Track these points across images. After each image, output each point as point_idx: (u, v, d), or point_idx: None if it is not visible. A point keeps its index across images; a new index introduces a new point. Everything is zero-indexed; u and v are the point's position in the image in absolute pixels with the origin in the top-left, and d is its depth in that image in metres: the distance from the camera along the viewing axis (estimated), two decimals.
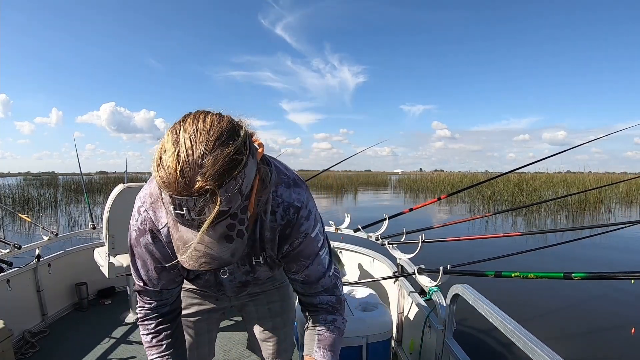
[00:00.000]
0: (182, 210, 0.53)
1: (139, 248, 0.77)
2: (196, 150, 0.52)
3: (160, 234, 0.75)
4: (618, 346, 2.90)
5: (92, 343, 2.22)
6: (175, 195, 0.52)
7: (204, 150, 0.52)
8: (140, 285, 0.82)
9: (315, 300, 0.87)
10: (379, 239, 2.50)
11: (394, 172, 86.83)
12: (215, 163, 0.52)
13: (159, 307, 0.85)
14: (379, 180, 30.66)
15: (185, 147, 0.52)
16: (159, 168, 0.54)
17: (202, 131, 0.54)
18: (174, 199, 0.53)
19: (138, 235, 0.76)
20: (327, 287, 0.86)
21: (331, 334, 0.86)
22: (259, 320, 1.10)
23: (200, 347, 1.07)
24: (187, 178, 0.51)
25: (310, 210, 0.78)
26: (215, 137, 0.54)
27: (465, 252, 5.18)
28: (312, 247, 0.80)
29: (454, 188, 17.07)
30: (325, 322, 0.87)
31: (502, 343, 2.62)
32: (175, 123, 0.57)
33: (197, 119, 0.56)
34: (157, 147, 0.56)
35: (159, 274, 0.80)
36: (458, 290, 1.32)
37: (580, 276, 1.17)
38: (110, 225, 2.24)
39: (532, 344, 0.93)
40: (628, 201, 14.18)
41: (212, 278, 0.90)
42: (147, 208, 0.74)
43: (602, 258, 5.68)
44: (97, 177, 22.98)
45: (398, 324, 2.05)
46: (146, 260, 0.78)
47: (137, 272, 0.81)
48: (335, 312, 0.88)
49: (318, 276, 0.84)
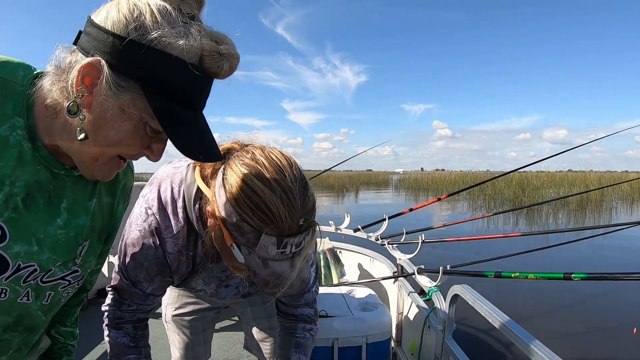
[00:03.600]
0: (285, 249, 0.56)
1: (138, 249, 0.73)
2: (296, 191, 0.56)
3: (165, 244, 0.72)
4: (618, 347, 2.89)
5: (92, 343, 2.22)
6: (285, 237, 0.55)
7: (301, 190, 0.57)
8: (125, 284, 0.77)
9: (297, 311, 0.93)
10: (379, 239, 2.50)
11: (395, 171, 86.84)
12: (310, 201, 0.58)
13: (137, 312, 0.81)
14: (380, 179, 30.66)
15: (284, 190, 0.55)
16: (262, 214, 0.54)
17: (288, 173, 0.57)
18: (282, 240, 0.55)
19: (142, 236, 0.72)
20: (309, 301, 0.92)
21: (307, 342, 0.92)
22: (256, 321, 1.11)
23: (196, 347, 1.07)
24: (296, 219, 0.55)
25: None
26: (300, 175, 0.59)
27: (465, 252, 5.17)
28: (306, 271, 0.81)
29: (455, 187, 17.06)
30: (304, 330, 0.93)
31: (502, 343, 2.62)
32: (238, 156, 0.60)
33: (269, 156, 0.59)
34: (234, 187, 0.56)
35: (153, 278, 0.76)
36: (458, 290, 1.32)
37: (580, 277, 1.17)
38: None
39: (532, 344, 0.93)
40: (630, 200, 14.15)
41: (213, 292, 0.89)
42: (155, 212, 0.72)
43: (603, 259, 5.67)
44: None
45: (398, 324, 2.05)
46: (143, 262, 0.74)
47: (125, 272, 0.76)
48: (312, 323, 0.94)
49: (303, 291, 0.89)
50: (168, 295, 1.07)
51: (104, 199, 0.63)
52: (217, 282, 0.86)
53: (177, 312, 1.05)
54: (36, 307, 0.58)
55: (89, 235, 0.60)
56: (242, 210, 0.55)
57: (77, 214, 0.58)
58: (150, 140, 0.50)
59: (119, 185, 0.67)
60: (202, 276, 0.83)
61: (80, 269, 0.61)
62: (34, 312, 0.58)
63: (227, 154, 0.64)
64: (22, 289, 0.54)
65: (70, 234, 0.57)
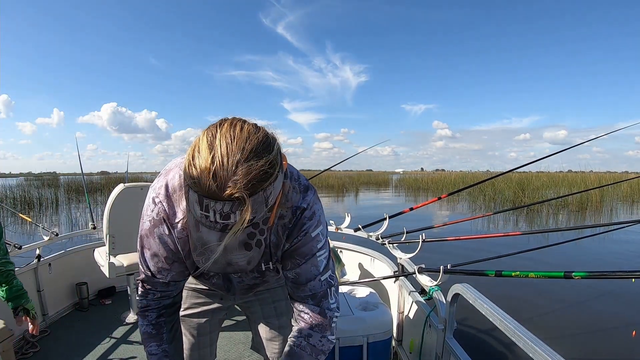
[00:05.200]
0: (208, 212, 0.54)
1: (151, 239, 0.76)
2: (232, 156, 0.53)
3: (173, 229, 0.74)
4: (618, 346, 2.90)
5: (92, 343, 2.22)
6: (205, 197, 0.53)
7: (239, 158, 0.53)
8: (147, 275, 0.80)
9: (299, 306, 0.83)
10: (380, 239, 2.50)
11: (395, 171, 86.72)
12: (249, 173, 0.53)
13: (162, 298, 0.84)
14: (380, 179, 30.65)
15: (220, 152, 0.53)
16: (190, 167, 0.54)
17: (239, 139, 0.55)
18: (202, 200, 0.53)
19: (152, 226, 0.75)
20: (315, 294, 0.81)
21: (301, 351, 0.80)
22: (265, 320, 1.10)
23: (202, 348, 1.06)
24: (219, 182, 0.52)
25: (314, 212, 0.78)
26: (252, 147, 0.55)
27: (465, 251, 5.17)
28: (310, 246, 0.79)
29: (454, 187, 17.06)
30: (300, 335, 0.81)
31: (503, 342, 2.62)
32: (211, 125, 0.58)
33: (235, 126, 0.57)
34: (191, 146, 0.57)
35: (171, 266, 0.79)
36: (458, 289, 1.32)
37: (581, 275, 1.17)
38: (110, 225, 2.24)
39: (533, 343, 0.93)
40: (629, 200, 14.15)
41: (221, 279, 0.91)
42: (162, 200, 0.74)
43: (603, 257, 5.67)
44: (98, 177, 23.05)
45: (398, 324, 2.05)
46: (159, 251, 0.77)
47: (145, 263, 0.79)
48: (315, 328, 0.81)
49: (308, 277, 0.80)
50: None
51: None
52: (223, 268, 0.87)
53: (186, 313, 1.05)
54: None
55: None
56: (185, 163, 0.56)
57: None
58: None
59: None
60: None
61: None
62: None
63: None
64: None
65: None
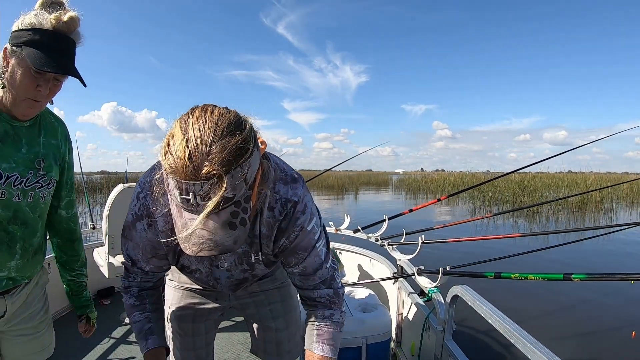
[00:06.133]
0: (188, 195, 0.54)
1: (133, 232, 0.79)
2: (205, 137, 0.54)
3: (155, 223, 0.77)
4: (618, 349, 2.89)
5: (91, 343, 2.22)
6: (183, 180, 0.54)
7: (212, 138, 0.55)
8: (128, 263, 0.86)
9: (314, 293, 0.87)
10: (379, 240, 2.50)
11: (395, 172, 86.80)
12: (223, 150, 0.54)
13: (143, 282, 0.90)
14: (380, 180, 30.66)
15: (194, 135, 0.55)
16: (166, 154, 0.56)
17: (210, 120, 0.56)
18: (181, 184, 0.54)
19: (134, 220, 0.78)
20: (325, 279, 0.86)
21: (329, 329, 0.87)
22: (261, 322, 1.09)
23: (198, 349, 1.06)
24: (195, 163, 0.53)
25: (306, 205, 0.80)
26: (224, 126, 0.56)
27: (465, 253, 5.17)
28: (308, 239, 0.81)
29: (454, 188, 17.06)
30: (323, 317, 0.87)
31: (502, 344, 2.62)
32: (183, 114, 0.60)
33: (205, 111, 0.59)
34: (165, 137, 0.59)
35: (149, 260, 0.83)
36: (457, 291, 1.32)
37: (580, 277, 1.17)
38: (109, 225, 2.24)
39: (532, 345, 0.93)
40: (629, 201, 14.15)
41: (208, 271, 0.90)
42: (145, 195, 0.76)
43: (603, 259, 5.67)
44: (98, 177, 23.03)
45: (397, 325, 2.05)
46: (138, 244, 0.80)
47: (126, 252, 0.84)
48: (333, 307, 0.88)
49: (315, 268, 0.84)
50: (172, 295, 1.07)
51: (51, 140, 0.98)
52: (209, 261, 0.88)
53: (181, 313, 1.04)
54: (24, 204, 0.92)
55: (44, 155, 0.95)
56: (161, 153, 0.57)
57: (33, 145, 0.93)
58: (37, 80, 0.83)
59: (56, 131, 1.01)
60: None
61: (46, 175, 0.96)
62: (24, 208, 0.92)
63: None
64: (14, 191, 0.89)
65: (32, 155, 0.92)
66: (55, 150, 0.98)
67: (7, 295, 0.94)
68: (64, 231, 1.09)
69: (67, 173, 1.04)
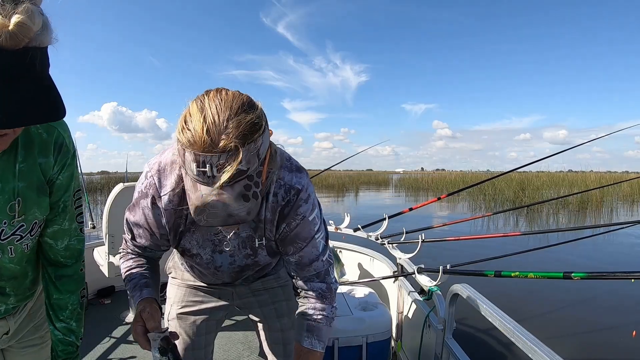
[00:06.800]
0: (204, 168, 0.58)
1: (137, 208, 0.82)
2: (221, 114, 0.59)
3: (160, 201, 0.79)
4: (618, 347, 2.90)
5: (92, 342, 2.22)
6: (200, 152, 0.57)
7: (229, 114, 0.59)
8: (128, 238, 0.88)
9: (307, 285, 0.89)
10: (379, 239, 2.50)
11: (396, 171, 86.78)
12: (239, 125, 0.59)
13: (141, 255, 0.91)
14: (380, 179, 30.65)
15: (211, 112, 0.59)
16: (184, 130, 0.59)
17: (226, 100, 0.61)
18: (198, 157, 0.57)
19: (139, 197, 0.81)
20: (319, 272, 0.88)
21: (319, 324, 0.88)
22: (266, 322, 1.09)
23: (197, 349, 1.04)
24: (212, 136, 0.57)
25: (309, 195, 0.82)
26: (239, 105, 0.61)
27: (465, 251, 5.17)
28: (308, 229, 0.83)
29: (455, 187, 17.05)
30: (315, 310, 0.88)
31: (502, 343, 2.62)
32: (198, 95, 0.64)
33: (220, 92, 0.63)
34: (182, 115, 0.62)
35: (150, 237, 0.85)
36: (458, 290, 1.32)
37: (580, 276, 1.17)
38: (110, 224, 2.24)
39: (532, 343, 0.93)
40: (630, 200, 14.15)
41: (209, 258, 0.90)
42: (153, 174, 0.79)
43: (603, 258, 5.67)
44: (98, 177, 23.05)
45: (398, 324, 2.05)
46: (140, 221, 0.82)
47: (128, 226, 0.86)
48: (324, 301, 0.89)
49: (311, 259, 0.86)
50: (174, 293, 1.06)
51: (38, 160, 0.72)
52: (212, 247, 0.88)
53: (183, 311, 1.04)
54: (6, 260, 0.73)
55: (21, 193, 0.70)
56: (178, 130, 0.61)
57: (6, 181, 0.68)
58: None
59: (49, 146, 0.73)
60: (195, 237, 0.86)
61: (24, 222, 0.72)
62: (7, 264, 0.74)
63: None
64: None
65: (5, 196, 0.68)
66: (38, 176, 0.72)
67: (8, 316, 0.82)
68: (49, 262, 0.82)
69: (58, 194, 0.76)
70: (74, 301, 0.85)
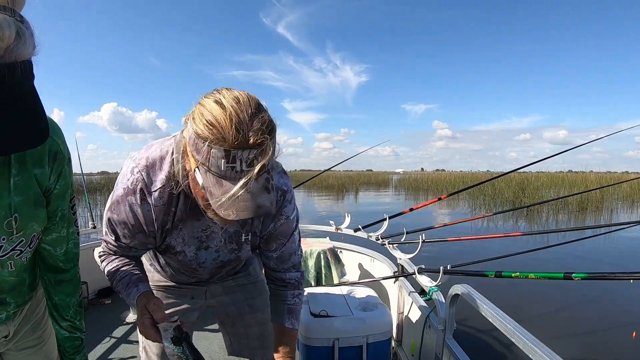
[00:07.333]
0: (234, 163, 0.60)
1: (122, 206, 0.79)
2: (245, 111, 0.62)
3: (150, 197, 0.78)
4: (618, 348, 2.89)
5: (92, 342, 2.22)
6: (231, 148, 0.59)
7: (252, 112, 0.62)
8: (111, 238, 0.84)
9: (286, 276, 0.99)
10: (379, 239, 2.50)
11: (396, 171, 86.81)
12: (263, 122, 0.62)
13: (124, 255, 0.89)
14: (380, 180, 30.64)
15: (235, 109, 0.61)
16: (208, 127, 0.61)
17: (242, 98, 0.64)
18: (229, 152, 0.60)
19: (125, 194, 0.78)
20: (296, 264, 0.99)
21: (297, 306, 0.99)
22: (242, 319, 1.11)
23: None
24: (243, 133, 0.60)
25: (292, 196, 0.91)
26: (255, 103, 0.65)
27: (465, 252, 5.17)
28: (290, 227, 0.92)
29: (455, 188, 17.05)
30: (294, 296, 0.99)
31: (503, 343, 2.62)
32: (208, 94, 0.66)
33: (232, 91, 0.66)
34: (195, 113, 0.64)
35: (134, 235, 0.82)
36: (458, 290, 1.32)
37: (581, 276, 1.17)
38: None
39: (533, 344, 0.93)
40: (630, 201, 14.14)
41: (193, 255, 0.90)
42: (141, 170, 0.77)
43: (604, 258, 5.67)
44: (98, 177, 23.04)
45: (398, 324, 2.04)
46: (126, 218, 0.79)
47: (111, 227, 0.83)
48: (300, 287, 1.01)
49: (290, 253, 0.96)
50: None
51: (33, 171, 0.68)
52: (197, 244, 0.88)
53: None
54: (6, 274, 0.73)
55: (18, 208, 0.67)
56: (197, 127, 0.62)
57: (1, 196, 0.65)
58: None
59: (43, 156, 0.69)
60: (181, 234, 0.85)
61: (24, 237, 0.70)
62: (7, 278, 0.74)
63: None
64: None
65: (2, 213, 0.65)
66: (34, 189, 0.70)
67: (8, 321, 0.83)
68: (49, 268, 0.82)
69: (55, 203, 0.75)
70: (75, 302, 0.87)
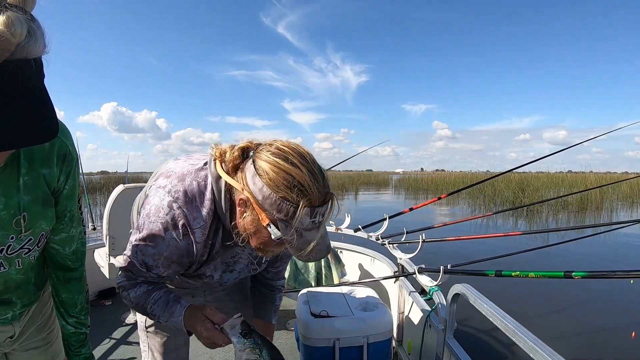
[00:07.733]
0: (315, 217, 0.68)
1: (159, 240, 0.77)
2: (315, 167, 0.69)
3: (193, 234, 0.78)
4: (618, 346, 2.90)
5: (92, 344, 2.20)
6: (317, 207, 0.67)
7: (319, 166, 0.70)
8: (141, 269, 0.82)
9: (277, 283, 1.13)
10: (380, 239, 2.50)
11: (395, 171, 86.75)
12: (327, 177, 0.71)
13: (153, 282, 0.87)
14: (379, 180, 30.65)
15: (306, 167, 0.67)
16: (292, 188, 0.66)
17: (301, 152, 0.70)
18: (314, 210, 0.67)
19: (164, 228, 0.76)
20: (283, 274, 1.14)
21: (278, 306, 1.15)
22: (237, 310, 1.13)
23: (180, 348, 1.06)
24: (322, 192, 0.68)
25: None
26: (312, 156, 0.72)
27: (465, 251, 5.17)
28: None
29: (454, 188, 17.06)
30: (280, 298, 1.15)
31: (503, 343, 2.62)
32: (274, 151, 0.69)
33: (290, 146, 0.71)
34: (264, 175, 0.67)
35: (170, 265, 0.81)
36: (458, 289, 1.32)
37: (581, 275, 1.17)
38: (110, 225, 2.24)
39: (533, 343, 0.93)
40: (629, 201, 14.15)
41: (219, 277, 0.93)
42: (181, 205, 0.76)
43: (603, 257, 5.67)
44: (98, 177, 23.01)
45: (398, 324, 2.04)
46: (164, 252, 0.78)
47: (141, 258, 0.80)
48: (282, 289, 1.16)
49: (284, 267, 1.12)
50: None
51: (40, 172, 0.70)
52: (224, 268, 0.93)
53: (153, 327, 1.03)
54: (13, 272, 0.75)
55: (27, 207, 0.69)
56: (280, 190, 0.66)
57: (10, 196, 0.67)
58: None
59: (52, 157, 0.71)
60: (214, 262, 0.89)
61: (32, 236, 0.72)
62: (14, 276, 0.76)
63: (245, 150, 0.75)
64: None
65: (9, 213, 0.67)
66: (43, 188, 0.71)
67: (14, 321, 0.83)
68: (57, 267, 0.84)
69: (64, 203, 0.77)
70: (82, 299, 0.89)
